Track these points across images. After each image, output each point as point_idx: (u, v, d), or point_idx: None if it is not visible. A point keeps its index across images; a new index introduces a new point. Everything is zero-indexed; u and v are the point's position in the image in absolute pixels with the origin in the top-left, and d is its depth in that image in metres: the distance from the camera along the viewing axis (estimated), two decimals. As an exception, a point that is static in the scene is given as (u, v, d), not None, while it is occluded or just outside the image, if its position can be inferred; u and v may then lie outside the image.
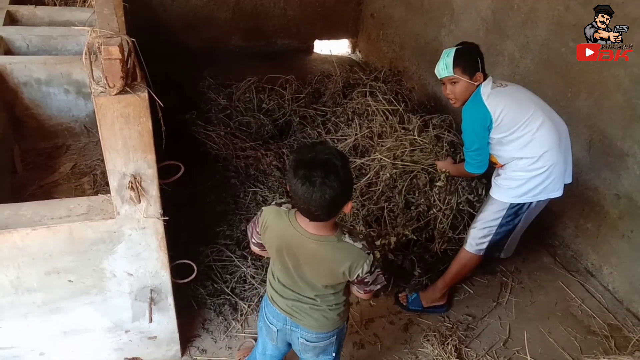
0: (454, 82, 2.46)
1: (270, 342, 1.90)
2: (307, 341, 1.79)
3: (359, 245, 1.58)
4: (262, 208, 1.71)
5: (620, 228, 2.98)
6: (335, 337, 1.82)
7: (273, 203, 1.70)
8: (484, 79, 2.43)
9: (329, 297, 1.71)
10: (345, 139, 3.62)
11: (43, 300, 1.94)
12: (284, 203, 1.67)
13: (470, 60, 2.42)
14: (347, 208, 1.53)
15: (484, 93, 2.38)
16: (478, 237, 2.61)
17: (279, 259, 1.68)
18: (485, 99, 2.36)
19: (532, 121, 2.35)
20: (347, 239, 1.58)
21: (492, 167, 2.61)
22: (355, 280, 1.64)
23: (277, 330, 1.82)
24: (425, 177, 2.98)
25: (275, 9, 5.55)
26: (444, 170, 2.89)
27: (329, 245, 1.57)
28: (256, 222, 1.73)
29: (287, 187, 1.53)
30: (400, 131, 3.42)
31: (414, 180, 3.01)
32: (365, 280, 1.64)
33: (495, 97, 2.37)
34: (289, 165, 1.53)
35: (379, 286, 1.71)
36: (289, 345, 1.91)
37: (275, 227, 1.64)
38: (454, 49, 2.44)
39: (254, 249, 1.83)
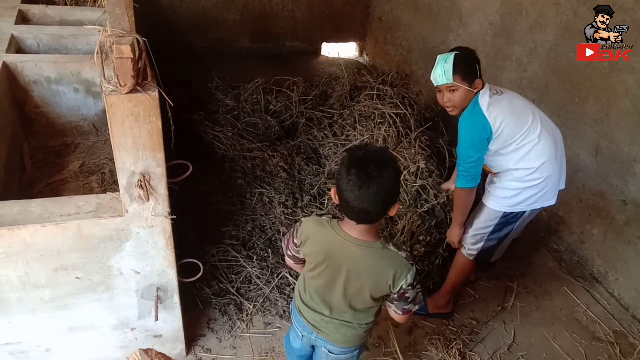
0: (453, 90, 2.32)
1: (297, 339, 1.88)
2: (329, 352, 1.78)
3: (403, 254, 1.56)
4: (301, 219, 1.68)
5: (627, 234, 2.97)
6: (357, 351, 1.82)
7: (313, 214, 1.66)
8: (482, 86, 2.32)
9: (362, 314, 1.69)
10: (350, 142, 3.63)
11: (50, 297, 1.95)
12: (324, 214, 1.65)
13: (470, 66, 2.31)
14: (394, 210, 1.50)
15: (482, 103, 2.28)
16: (469, 242, 2.58)
17: (318, 272, 1.65)
18: (485, 110, 2.26)
19: (531, 132, 2.28)
20: (391, 247, 1.57)
21: (484, 174, 2.55)
22: (397, 295, 1.60)
23: (303, 335, 1.82)
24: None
25: (283, 11, 5.57)
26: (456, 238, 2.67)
27: (374, 251, 1.55)
28: (294, 233, 1.70)
29: (333, 192, 1.52)
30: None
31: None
32: (407, 295, 1.59)
33: (495, 107, 2.27)
34: (340, 165, 1.50)
35: (417, 307, 1.67)
36: (313, 347, 1.89)
37: (318, 236, 1.62)
38: (452, 54, 2.30)
39: (288, 261, 1.81)
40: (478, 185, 2.42)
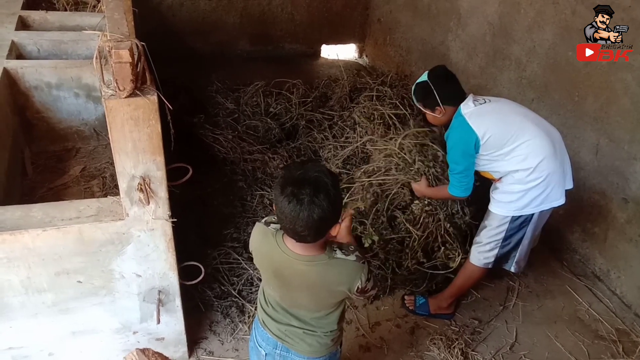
0: (424, 112, 2.52)
1: None
2: None
3: (352, 257, 1.52)
4: (256, 223, 1.64)
5: (628, 232, 2.97)
6: None
7: (263, 221, 1.61)
8: (457, 104, 2.38)
9: (325, 320, 1.66)
10: (349, 144, 3.63)
11: (52, 301, 1.96)
12: (274, 222, 1.57)
13: (427, 97, 2.42)
14: (335, 230, 1.47)
15: (465, 113, 2.34)
16: (484, 251, 2.57)
17: (271, 282, 1.63)
18: (468, 119, 2.32)
19: (522, 134, 2.30)
20: (338, 254, 1.52)
21: (489, 182, 2.56)
22: (357, 293, 1.58)
23: (266, 354, 1.74)
24: (407, 195, 2.90)
25: (282, 14, 5.58)
26: (419, 195, 2.79)
27: (321, 265, 1.50)
28: (248, 240, 1.67)
29: (274, 206, 1.46)
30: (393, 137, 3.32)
31: (396, 198, 2.92)
32: (365, 288, 1.59)
33: (479, 116, 2.32)
34: (276, 182, 1.46)
35: (375, 289, 1.68)
36: None
37: (262, 249, 1.58)
38: (417, 82, 2.46)
39: None
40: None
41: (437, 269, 2.92)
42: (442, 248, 2.87)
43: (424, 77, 2.43)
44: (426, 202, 2.83)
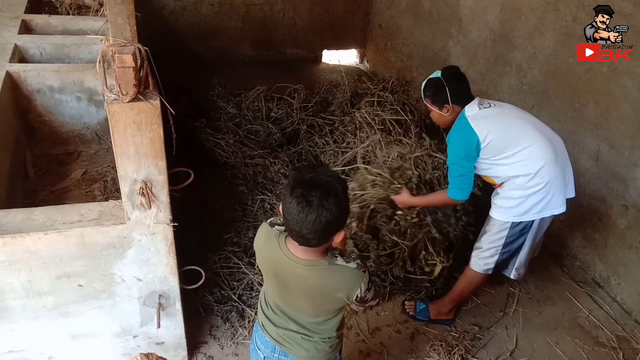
0: (430, 109, 2.51)
1: None
2: None
3: (352, 265, 1.51)
4: (263, 222, 1.64)
5: (628, 239, 2.97)
6: None
7: (269, 221, 1.61)
8: (464, 105, 2.38)
9: (324, 325, 1.65)
10: (351, 149, 3.64)
11: (53, 304, 1.96)
12: (279, 224, 1.57)
13: (438, 93, 2.42)
14: (339, 237, 1.46)
15: (469, 116, 2.34)
16: (484, 257, 2.57)
17: (271, 283, 1.62)
18: (471, 121, 2.32)
19: (523, 139, 2.30)
20: (339, 261, 1.51)
21: (491, 188, 2.57)
22: (355, 301, 1.58)
23: (264, 357, 1.74)
24: (387, 209, 2.87)
25: (284, 19, 5.61)
26: (404, 206, 2.78)
27: (321, 270, 1.49)
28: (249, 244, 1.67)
29: (281, 207, 1.45)
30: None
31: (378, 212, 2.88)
32: (365, 298, 1.58)
33: (482, 119, 2.33)
34: (286, 183, 1.46)
35: (376, 300, 1.66)
36: None
37: (264, 249, 1.58)
38: (429, 77, 2.45)
39: None
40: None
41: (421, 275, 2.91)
42: (423, 253, 2.84)
43: (437, 74, 2.44)
44: (414, 214, 2.80)
